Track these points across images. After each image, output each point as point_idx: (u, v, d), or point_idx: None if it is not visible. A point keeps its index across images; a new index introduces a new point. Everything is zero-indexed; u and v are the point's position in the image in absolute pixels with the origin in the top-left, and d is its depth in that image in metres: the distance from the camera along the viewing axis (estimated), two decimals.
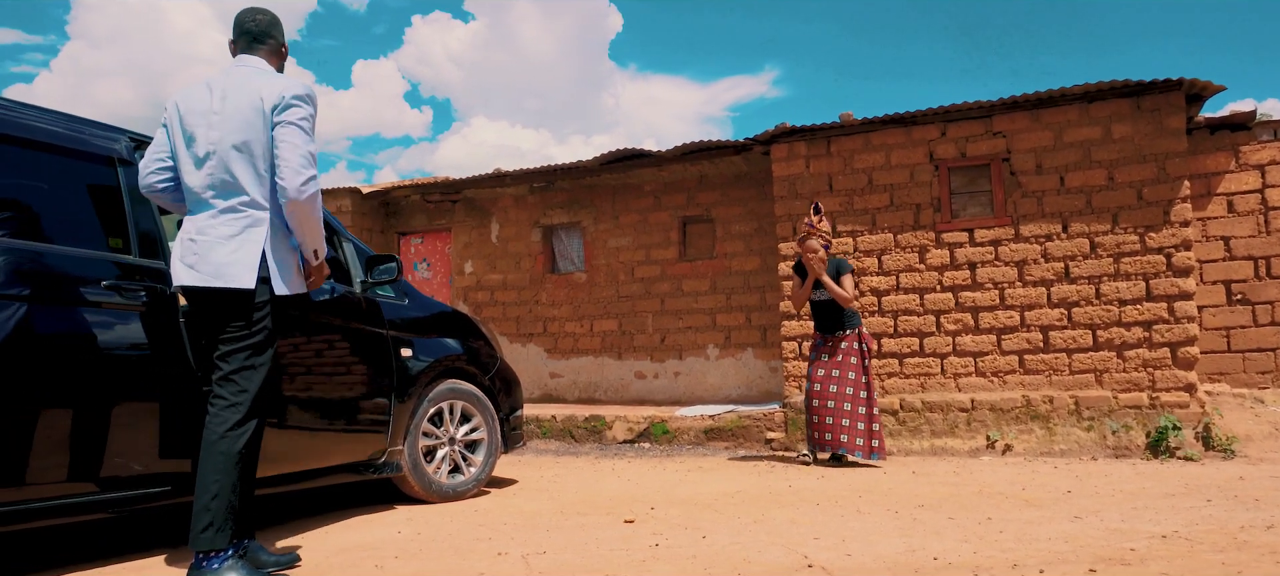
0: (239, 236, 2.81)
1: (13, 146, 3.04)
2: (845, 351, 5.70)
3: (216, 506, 2.68)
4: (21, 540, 3.41)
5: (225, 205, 2.84)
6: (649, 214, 8.64)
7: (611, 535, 3.57)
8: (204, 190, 2.85)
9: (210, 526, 2.67)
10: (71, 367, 2.95)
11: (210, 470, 2.71)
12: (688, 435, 7.02)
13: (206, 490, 2.70)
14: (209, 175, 2.84)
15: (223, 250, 2.79)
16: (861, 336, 5.73)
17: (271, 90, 2.85)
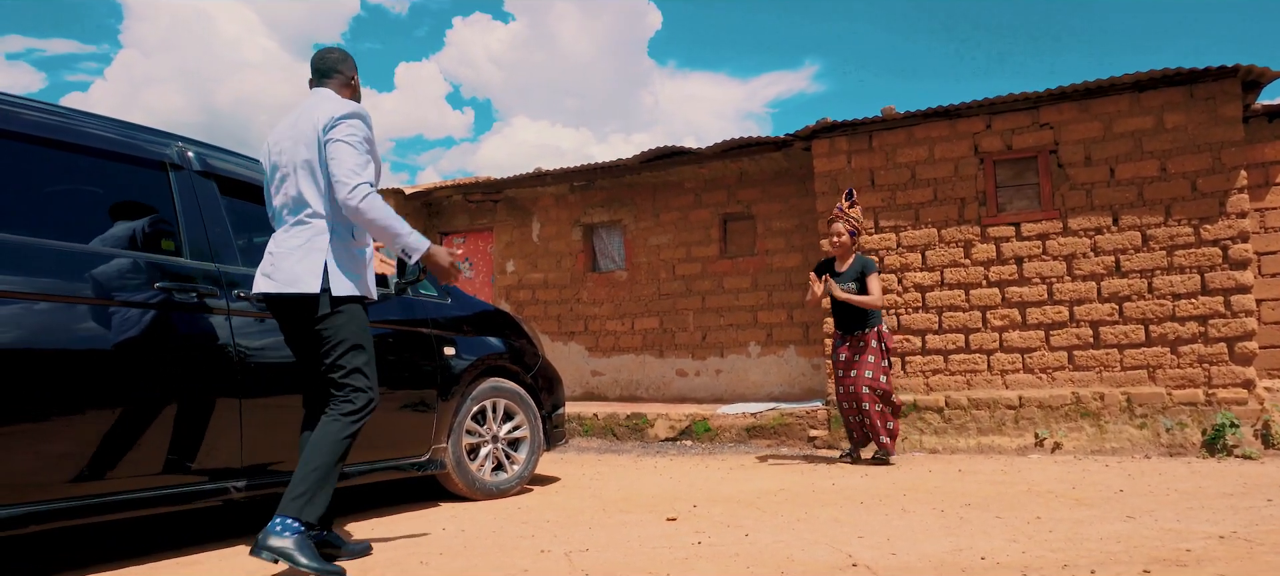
0: (304, 246, 3.03)
1: (70, 152, 3.13)
2: (864, 349, 5.64)
3: (312, 480, 2.90)
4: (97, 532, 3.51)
5: (294, 220, 3.08)
6: (689, 211, 8.62)
7: (654, 532, 3.57)
8: (281, 208, 3.13)
9: (301, 495, 2.87)
10: (134, 367, 3.03)
11: (314, 450, 2.96)
12: (730, 433, 6.99)
13: (307, 463, 2.94)
14: (283, 194, 3.12)
15: (292, 260, 3.03)
16: (881, 334, 5.64)
17: (324, 112, 3.06)
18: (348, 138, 3.01)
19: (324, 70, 3.27)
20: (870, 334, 5.65)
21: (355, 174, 2.97)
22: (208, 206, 3.46)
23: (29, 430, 2.77)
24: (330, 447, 2.95)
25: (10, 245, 2.81)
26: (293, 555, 2.76)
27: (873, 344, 5.63)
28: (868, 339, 5.65)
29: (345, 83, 3.28)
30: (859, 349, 5.67)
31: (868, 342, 5.65)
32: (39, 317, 2.82)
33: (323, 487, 2.91)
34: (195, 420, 3.22)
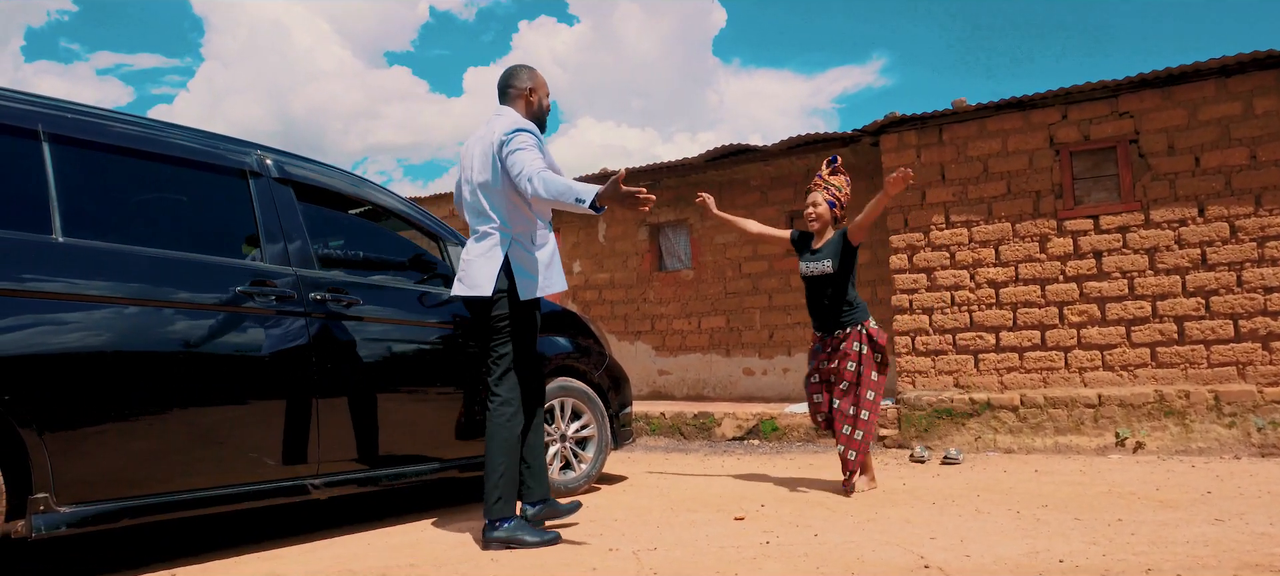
0: (486, 254, 3.40)
1: (157, 162, 3.28)
2: (843, 354, 4.42)
3: (503, 482, 3.30)
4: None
5: (481, 230, 3.48)
6: (756, 209, 8.57)
7: (721, 532, 3.56)
8: (470, 218, 3.55)
9: (500, 499, 3.29)
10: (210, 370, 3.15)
11: (495, 452, 3.32)
12: (797, 432, 6.93)
13: (495, 469, 3.32)
14: (471, 206, 3.53)
15: (476, 266, 3.41)
16: (869, 334, 4.42)
17: (497, 131, 3.40)
18: (519, 147, 3.32)
19: (501, 89, 3.62)
20: (851, 335, 4.41)
21: (522, 172, 3.27)
22: (285, 212, 3.58)
23: (121, 428, 2.91)
24: (497, 450, 3.34)
25: (103, 252, 2.95)
26: (516, 537, 3.26)
27: (854, 349, 4.37)
28: (848, 343, 4.40)
29: (520, 96, 3.59)
30: (836, 357, 4.44)
31: (847, 349, 4.39)
32: (129, 321, 2.95)
33: (509, 484, 3.32)
34: (275, 419, 3.34)
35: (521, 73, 3.64)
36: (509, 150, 3.34)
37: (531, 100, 3.62)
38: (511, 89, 3.61)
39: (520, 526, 3.32)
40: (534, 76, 3.65)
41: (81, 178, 3.01)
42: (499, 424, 3.37)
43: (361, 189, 4.10)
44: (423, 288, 4.08)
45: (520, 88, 3.61)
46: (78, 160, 3.01)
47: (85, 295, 2.85)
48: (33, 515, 2.68)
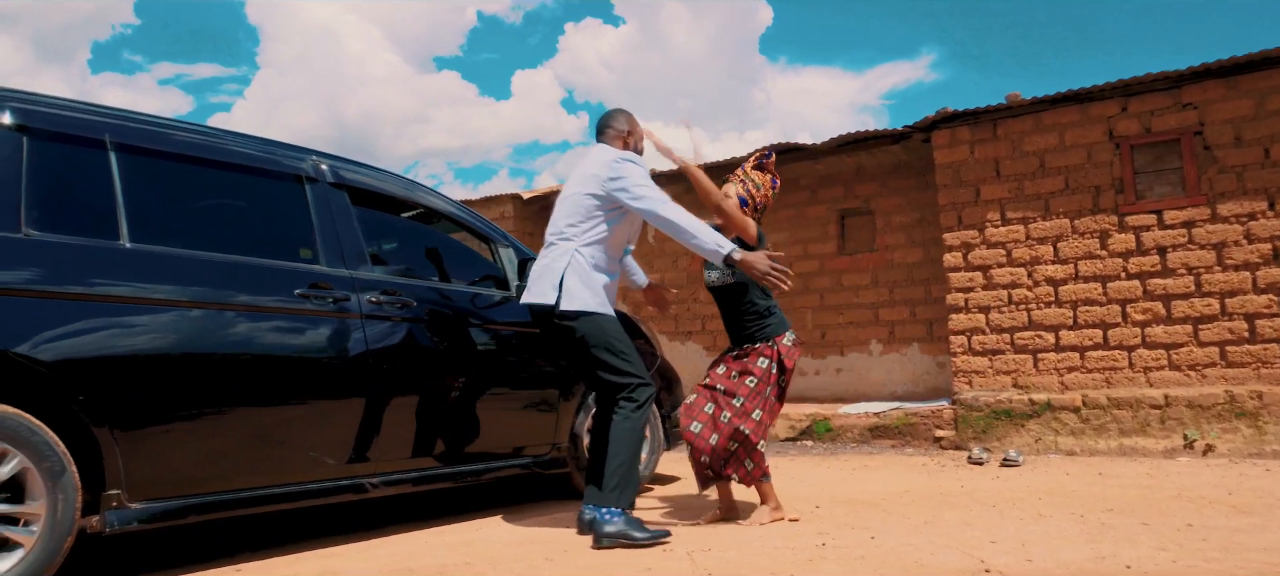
0: (551, 266, 3.50)
1: (217, 169, 3.36)
2: (746, 373, 3.73)
3: (619, 473, 3.37)
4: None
5: (550, 243, 3.60)
6: (805, 208, 8.49)
7: (775, 532, 3.53)
8: (549, 234, 3.64)
9: (614, 488, 3.36)
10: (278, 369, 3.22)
11: (615, 447, 3.41)
12: (851, 433, 6.85)
13: (612, 459, 3.40)
14: (553, 223, 3.64)
15: (543, 277, 3.53)
16: (781, 353, 3.74)
17: (604, 159, 3.55)
18: (643, 180, 3.51)
19: (601, 129, 3.77)
20: (760, 350, 3.76)
21: (660, 195, 3.50)
22: (340, 216, 3.63)
23: (187, 428, 2.98)
24: (625, 443, 3.41)
25: (168, 257, 3.02)
26: (627, 533, 3.26)
27: (761, 366, 3.72)
28: (753, 359, 3.75)
29: (618, 136, 3.73)
30: (742, 370, 3.76)
31: (753, 366, 3.73)
32: (193, 324, 3.02)
33: (629, 477, 3.39)
34: (333, 419, 3.39)
35: (620, 116, 3.78)
36: (631, 182, 3.49)
37: (628, 142, 3.75)
38: (610, 130, 3.74)
39: (631, 521, 3.33)
40: (631, 121, 3.79)
41: (146, 185, 3.09)
42: (618, 418, 3.45)
43: (413, 192, 4.15)
44: (474, 289, 4.11)
45: (619, 129, 3.74)
46: (142, 168, 3.09)
47: (151, 299, 2.93)
48: (106, 511, 2.76)
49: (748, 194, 3.86)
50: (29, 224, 2.73)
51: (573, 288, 3.44)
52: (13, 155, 2.77)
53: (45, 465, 2.59)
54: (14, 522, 2.55)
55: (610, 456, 3.41)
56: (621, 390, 3.48)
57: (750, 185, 3.88)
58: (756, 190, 3.89)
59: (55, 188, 2.85)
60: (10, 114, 2.81)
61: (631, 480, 3.41)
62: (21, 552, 2.54)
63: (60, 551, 2.62)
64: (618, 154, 3.58)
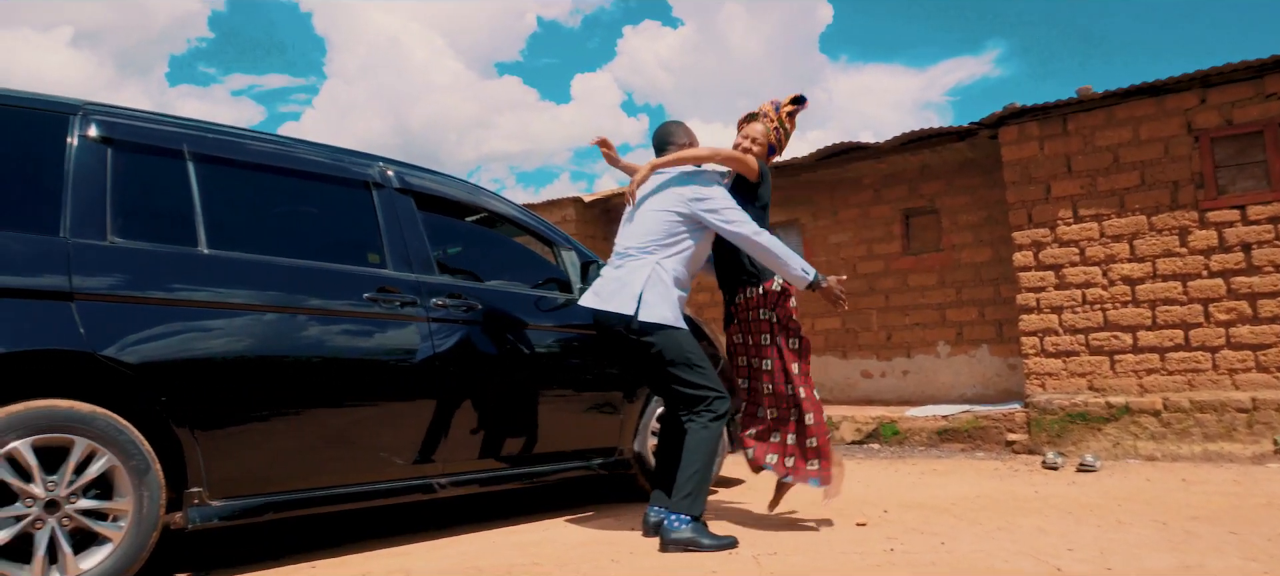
0: (629, 278, 3.49)
1: (288, 177, 3.45)
2: (754, 324, 3.71)
3: (694, 481, 3.35)
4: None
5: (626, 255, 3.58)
6: (869, 208, 8.37)
7: (843, 537, 3.48)
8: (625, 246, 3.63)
9: (687, 495, 3.33)
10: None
11: (690, 456, 3.39)
12: (919, 436, 6.73)
13: (686, 467, 3.37)
14: (627, 235, 3.65)
15: (620, 289, 3.50)
16: (772, 297, 3.64)
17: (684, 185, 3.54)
18: (730, 204, 3.52)
19: (662, 144, 3.72)
20: (755, 298, 3.68)
21: (751, 224, 3.49)
22: (407, 221, 3.69)
23: (262, 428, 3.06)
24: (702, 452, 3.39)
25: (243, 262, 3.11)
26: (695, 541, 3.25)
27: (760, 315, 3.67)
28: (755, 304, 3.69)
29: (680, 150, 3.67)
30: (748, 325, 3.74)
31: (756, 313, 3.69)
32: (267, 327, 3.10)
33: (702, 486, 3.36)
34: (401, 420, 3.45)
35: (680, 129, 3.77)
36: (719, 203, 3.50)
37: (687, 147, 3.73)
38: (671, 145, 3.71)
39: (699, 528, 3.31)
40: (690, 133, 3.80)
41: (222, 192, 3.19)
42: (694, 427, 3.44)
43: (477, 197, 4.20)
44: (538, 292, 4.15)
45: (680, 143, 3.72)
46: (218, 176, 3.19)
47: (228, 303, 3.02)
48: (188, 508, 2.85)
49: (778, 140, 3.85)
50: (114, 232, 2.84)
51: (651, 301, 3.42)
52: (98, 166, 2.88)
53: (132, 463, 2.69)
54: (103, 518, 2.66)
55: (685, 464, 3.38)
56: (699, 403, 3.46)
57: (781, 133, 3.86)
58: (785, 136, 3.88)
59: (137, 196, 2.96)
60: (96, 127, 2.93)
61: (704, 489, 3.38)
62: (111, 547, 2.64)
63: (146, 546, 2.71)
64: (715, 180, 3.58)
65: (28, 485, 2.51)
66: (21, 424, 2.51)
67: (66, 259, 2.71)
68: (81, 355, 2.66)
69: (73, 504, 2.59)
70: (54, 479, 2.56)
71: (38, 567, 2.49)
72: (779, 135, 3.82)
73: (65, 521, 2.57)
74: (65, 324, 2.65)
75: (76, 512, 2.60)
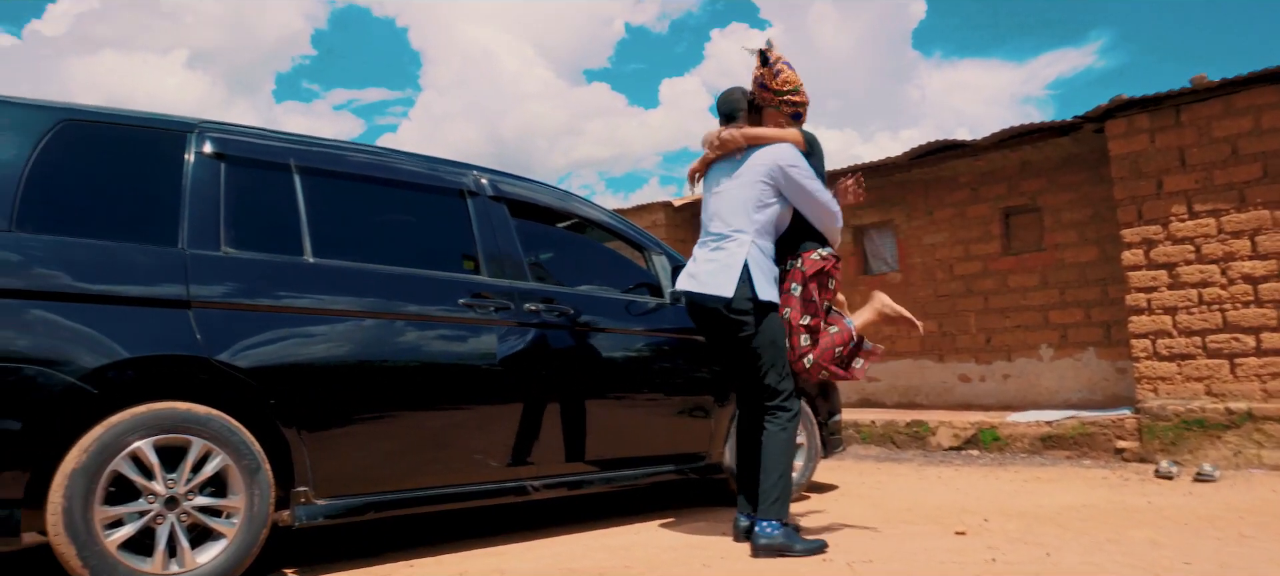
0: (728, 258, 3.40)
1: (387, 187, 3.56)
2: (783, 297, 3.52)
3: (779, 486, 3.31)
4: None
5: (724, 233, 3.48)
6: (966, 207, 8.13)
7: (941, 546, 3.39)
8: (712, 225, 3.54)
9: (777, 499, 3.30)
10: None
11: (770, 460, 3.35)
12: (1021, 442, 6.49)
13: (769, 472, 3.34)
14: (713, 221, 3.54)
15: (719, 271, 3.41)
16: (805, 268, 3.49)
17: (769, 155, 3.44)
18: (805, 164, 3.46)
19: (731, 113, 3.64)
20: (790, 276, 3.54)
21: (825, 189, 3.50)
22: (500, 228, 3.77)
23: (363, 430, 3.17)
24: (782, 454, 3.35)
25: (345, 270, 3.24)
26: (787, 546, 3.24)
27: (791, 291, 3.51)
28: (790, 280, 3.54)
29: (746, 116, 3.61)
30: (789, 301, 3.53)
31: (785, 289, 3.53)
32: (367, 332, 3.22)
33: (787, 488, 3.33)
34: (496, 424, 3.52)
35: (734, 96, 3.68)
36: (805, 167, 3.45)
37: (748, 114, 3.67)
38: (741, 111, 3.64)
39: (790, 533, 3.29)
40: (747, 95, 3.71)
41: (325, 203, 3.32)
42: (774, 429, 3.39)
43: (568, 203, 4.25)
44: (629, 296, 4.17)
45: (744, 107, 3.65)
46: (322, 188, 3.33)
47: (331, 310, 3.14)
48: (295, 506, 2.98)
49: (802, 111, 3.63)
50: (227, 243, 2.99)
51: (758, 279, 3.34)
52: (213, 181, 3.04)
53: (243, 463, 2.82)
54: (217, 514, 2.79)
55: (767, 470, 3.34)
56: (777, 396, 3.40)
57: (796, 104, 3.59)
58: (802, 104, 3.62)
59: (248, 209, 3.11)
60: (210, 143, 3.09)
61: (789, 492, 3.34)
62: (224, 542, 2.77)
63: (257, 541, 2.84)
64: (796, 149, 3.47)
65: (150, 482, 2.66)
66: (144, 424, 2.66)
67: (184, 269, 2.86)
68: (198, 360, 2.81)
69: (190, 500, 2.73)
70: (173, 477, 2.71)
71: (158, 560, 2.64)
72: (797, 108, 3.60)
73: (183, 517, 2.72)
74: (183, 330, 2.80)
75: (193, 509, 2.74)
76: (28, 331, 2.55)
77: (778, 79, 3.52)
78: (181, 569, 2.68)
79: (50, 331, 2.58)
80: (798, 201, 3.49)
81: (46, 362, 2.54)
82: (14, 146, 2.72)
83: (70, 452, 2.56)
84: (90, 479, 2.55)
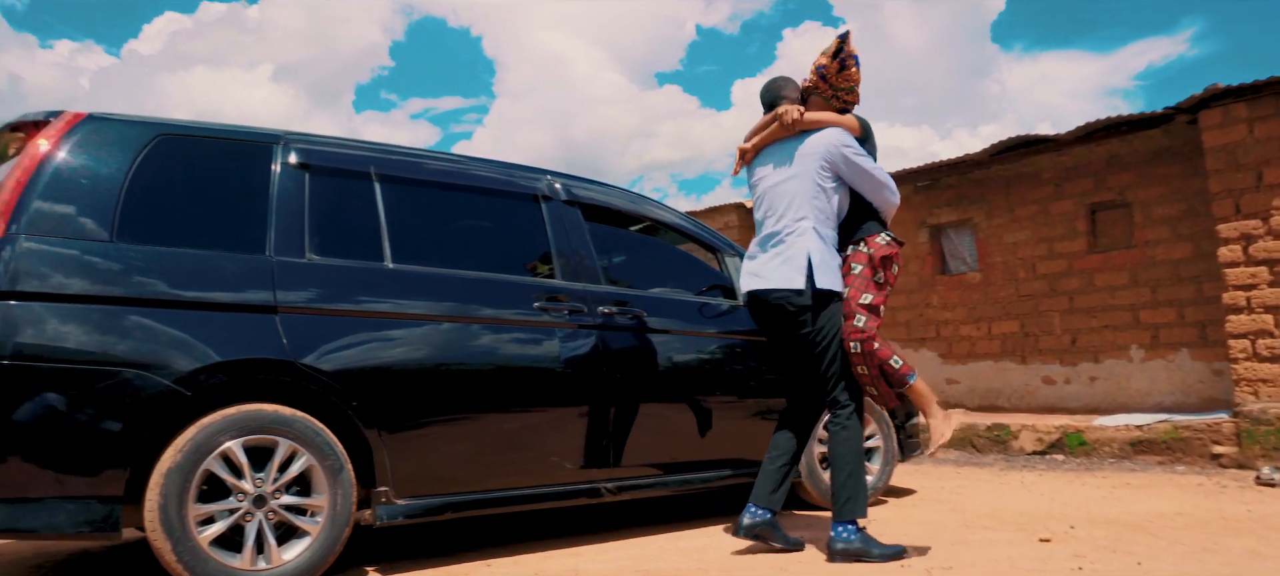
0: (793, 250, 3.33)
1: (463, 193, 3.63)
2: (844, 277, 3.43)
3: (849, 486, 3.24)
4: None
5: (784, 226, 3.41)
6: (1049, 204, 7.88)
7: (1024, 553, 3.29)
8: (768, 216, 3.50)
9: (850, 499, 3.24)
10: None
11: (840, 461, 3.28)
12: (1109, 447, 6.26)
13: (839, 473, 3.27)
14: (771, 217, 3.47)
15: (783, 263, 3.36)
16: (873, 252, 3.42)
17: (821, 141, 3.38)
18: (856, 145, 3.41)
19: (773, 101, 3.57)
20: (849, 259, 3.46)
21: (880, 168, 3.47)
22: (574, 231, 3.81)
23: (441, 432, 3.24)
24: (850, 453, 3.28)
25: (423, 276, 3.31)
26: (865, 551, 3.18)
27: (851, 270, 3.43)
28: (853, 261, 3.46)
29: (793, 102, 3.54)
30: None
31: (847, 270, 3.44)
32: (444, 336, 3.28)
33: (860, 487, 3.25)
34: (570, 426, 3.55)
35: (789, 84, 3.62)
36: (856, 147, 3.40)
37: (798, 99, 3.59)
38: (785, 100, 3.56)
39: (867, 538, 3.23)
40: (797, 87, 3.63)
41: (404, 210, 3.40)
42: (836, 428, 3.32)
43: (640, 206, 4.27)
44: (702, 299, 4.16)
45: (791, 97, 3.58)
46: (400, 195, 3.41)
47: (409, 314, 3.22)
48: (376, 506, 3.06)
49: (851, 110, 3.56)
50: (311, 249, 3.09)
51: (821, 268, 3.26)
52: (298, 190, 3.15)
53: (327, 463, 2.91)
54: (302, 513, 2.89)
55: (836, 469, 3.28)
56: (837, 387, 3.32)
57: (849, 102, 3.55)
58: (854, 105, 3.57)
59: (330, 216, 3.21)
60: (295, 154, 3.20)
61: (861, 489, 3.25)
62: (309, 540, 2.86)
63: (339, 540, 2.92)
64: (835, 137, 3.37)
65: (239, 481, 2.77)
66: (234, 425, 2.77)
67: (271, 275, 2.97)
68: (284, 363, 2.91)
69: (277, 499, 2.83)
70: (261, 476, 2.81)
71: (247, 556, 2.74)
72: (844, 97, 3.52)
73: (270, 515, 2.82)
74: (271, 334, 2.90)
75: (280, 507, 2.84)
76: (127, 337, 2.67)
77: (842, 74, 3.48)
78: (269, 565, 2.78)
79: (148, 337, 2.71)
80: (857, 182, 3.43)
81: (144, 366, 2.67)
82: (115, 161, 2.86)
83: (166, 452, 2.68)
84: (185, 477, 2.67)
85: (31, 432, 2.53)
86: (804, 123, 3.41)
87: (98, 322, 2.65)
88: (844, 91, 3.51)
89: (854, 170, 3.39)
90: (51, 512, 2.55)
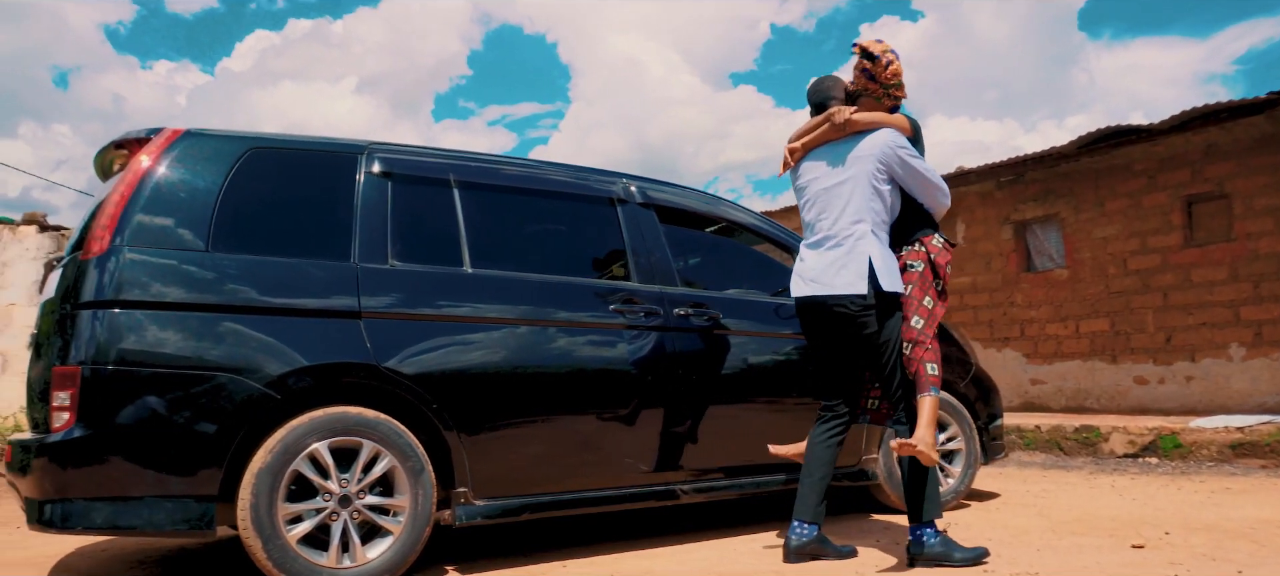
0: (851, 255, 3.26)
1: (539, 197, 3.69)
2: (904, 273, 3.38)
3: (923, 488, 3.19)
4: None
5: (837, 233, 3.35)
6: (1141, 197, 7.58)
7: (1115, 559, 3.17)
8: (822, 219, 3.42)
9: (922, 504, 3.20)
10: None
11: (912, 465, 3.21)
12: (1207, 450, 5.99)
13: (913, 478, 3.21)
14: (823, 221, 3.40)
15: (843, 266, 3.29)
16: (930, 252, 3.38)
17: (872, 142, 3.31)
18: (915, 157, 3.37)
19: (823, 102, 3.50)
20: (904, 257, 3.41)
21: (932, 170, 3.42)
22: (649, 234, 3.82)
23: (518, 434, 3.29)
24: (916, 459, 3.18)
25: (500, 280, 3.37)
26: (947, 554, 3.14)
27: (914, 270, 3.38)
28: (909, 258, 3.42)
29: (840, 103, 3.49)
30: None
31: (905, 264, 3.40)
32: (521, 339, 3.33)
33: (934, 487, 3.21)
34: (645, 428, 3.57)
35: (837, 83, 3.54)
36: (915, 155, 3.35)
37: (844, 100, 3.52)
38: (834, 100, 3.50)
39: (949, 542, 3.18)
40: (839, 83, 3.56)
41: (482, 215, 3.47)
42: (908, 428, 3.23)
43: (715, 207, 4.26)
44: (778, 300, 4.13)
45: (840, 98, 3.50)
46: (479, 201, 3.48)
47: (488, 317, 3.28)
48: (456, 506, 3.12)
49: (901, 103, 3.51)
50: (393, 256, 3.18)
51: (883, 271, 3.20)
52: (381, 198, 3.24)
53: (408, 464, 2.99)
54: (385, 513, 2.97)
55: (907, 471, 3.22)
56: (901, 382, 3.24)
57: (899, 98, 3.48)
58: (903, 98, 3.50)
59: (412, 222, 3.30)
60: (379, 163, 3.30)
61: (935, 491, 3.21)
62: (391, 539, 2.95)
63: (420, 539, 3.00)
64: (887, 138, 3.30)
65: (325, 481, 2.86)
66: (321, 427, 2.87)
67: (356, 282, 3.07)
68: (367, 366, 3.00)
69: (361, 499, 2.92)
70: (346, 476, 2.90)
71: (333, 554, 2.84)
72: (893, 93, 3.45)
73: (355, 515, 2.91)
74: (355, 339, 3.00)
75: (364, 507, 2.92)
76: (221, 343, 2.80)
77: (887, 71, 3.40)
78: (354, 563, 2.87)
79: (240, 342, 2.82)
80: (910, 184, 3.36)
81: (237, 371, 2.79)
82: (210, 174, 2.99)
83: (257, 453, 2.79)
84: (274, 477, 2.77)
85: (133, 434, 2.67)
86: (856, 124, 3.35)
87: (194, 329, 2.78)
88: (893, 87, 3.43)
89: (909, 172, 3.33)
90: (151, 510, 2.68)
